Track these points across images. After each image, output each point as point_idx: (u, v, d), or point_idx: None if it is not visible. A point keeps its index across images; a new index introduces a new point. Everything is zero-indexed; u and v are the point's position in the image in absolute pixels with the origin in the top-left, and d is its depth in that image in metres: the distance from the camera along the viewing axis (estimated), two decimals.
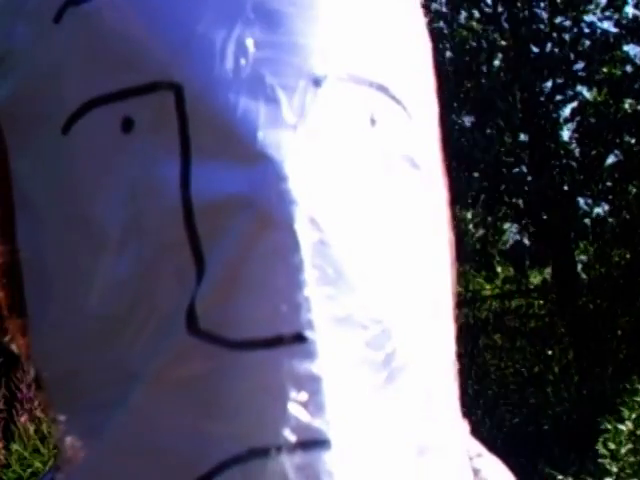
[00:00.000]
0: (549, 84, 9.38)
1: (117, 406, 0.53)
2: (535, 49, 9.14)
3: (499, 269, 9.81)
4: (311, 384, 0.51)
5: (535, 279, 10.24)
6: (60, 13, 0.56)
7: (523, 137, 9.27)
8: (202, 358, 0.52)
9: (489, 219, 9.15)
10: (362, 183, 0.55)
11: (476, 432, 0.64)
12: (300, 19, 0.55)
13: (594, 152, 9.13)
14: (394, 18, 0.60)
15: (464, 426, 0.60)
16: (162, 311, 0.53)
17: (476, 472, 0.61)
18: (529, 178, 9.29)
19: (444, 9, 9.17)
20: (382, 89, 0.57)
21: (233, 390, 0.51)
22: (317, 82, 0.54)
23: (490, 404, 8.22)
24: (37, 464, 4.43)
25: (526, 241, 9.51)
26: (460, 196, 7.71)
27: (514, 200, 9.13)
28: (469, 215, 8.60)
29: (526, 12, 9.30)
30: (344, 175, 0.54)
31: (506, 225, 10.08)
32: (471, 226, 8.52)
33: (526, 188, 9.21)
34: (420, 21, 0.64)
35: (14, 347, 0.60)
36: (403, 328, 0.54)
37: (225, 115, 0.53)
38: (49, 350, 0.57)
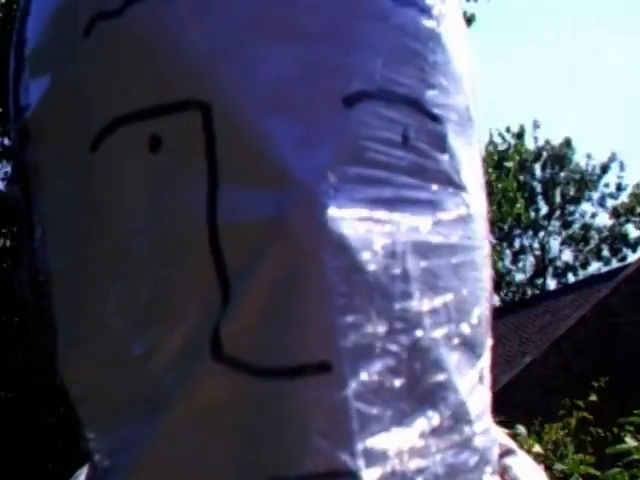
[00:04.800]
0: None
1: (144, 426, 0.51)
2: None
3: None
4: (336, 414, 0.48)
5: None
6: (90, 26, 0.53)
7: None
8: (226, 384, 0.49)
9: None
10: (392, 202, 0.52)
11: None
12: (332, 38, 0.52)
13: None
14: (431, 35, 0.56)
15: (497, 428, 0.57)
16: (186, 335, 0.50)
17: (507, 469, 0.59)
18: None
19: None
20: (416, 104, 0.54)
21: (256, 418, 0.49)
22: (347, 101, 0.51)
23: None
24: None
25: None
26: None
27: None
28: None
29: None
30: (373, 195, 0.51)
31: None
32: None
33: None
34: (464, 34, 0.60)
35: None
36: (432, 352, 0.52)
37: (253, 137, 0.50)
38: (77, 367, 0.54)
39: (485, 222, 0.59)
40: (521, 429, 4.22)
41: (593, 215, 26.90)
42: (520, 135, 25.31)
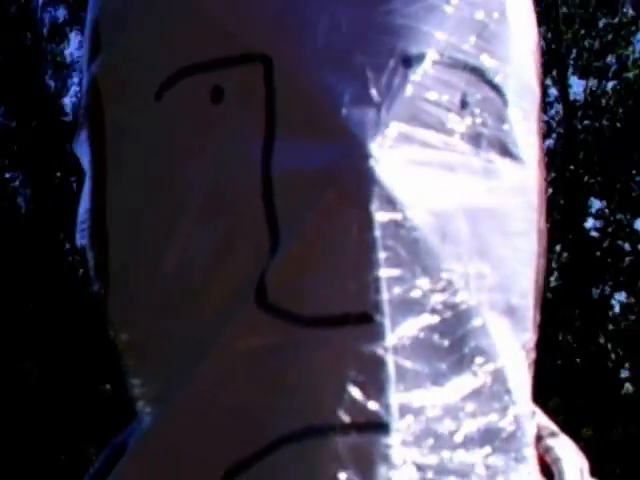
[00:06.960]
0: None
1: (187, 375, 0.51)
2: None
3: None
4: (373, 366, 0.48)
5: None
6: None
7: None
8: (268, 332, 0.50)
9: None
10: (445, 165, 0.52)
11: None
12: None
13: None
14: (496, 5, 0.56)
15: (536, 409, 0.57)
16: (234, 283, 0.51)
17: (548, 450, 0.58)
18: None
19: None
20: (477, 72, 0.54)
21: (295, 366, 0.49)
22: (407, 62, 0.51)
23: None
24: None
25: None
26: None
27: None
28: None
29: None
30: (427, 156, 0.51)
31: None
32: None
33: None
34: (529, 10, 0.60)
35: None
36: (477, 316, 0.52)
37: (311, 90, 0.50)
38: (128, 314, 0.55)
39: (542, 198, 0.59)
40: None
41: None
42: None
